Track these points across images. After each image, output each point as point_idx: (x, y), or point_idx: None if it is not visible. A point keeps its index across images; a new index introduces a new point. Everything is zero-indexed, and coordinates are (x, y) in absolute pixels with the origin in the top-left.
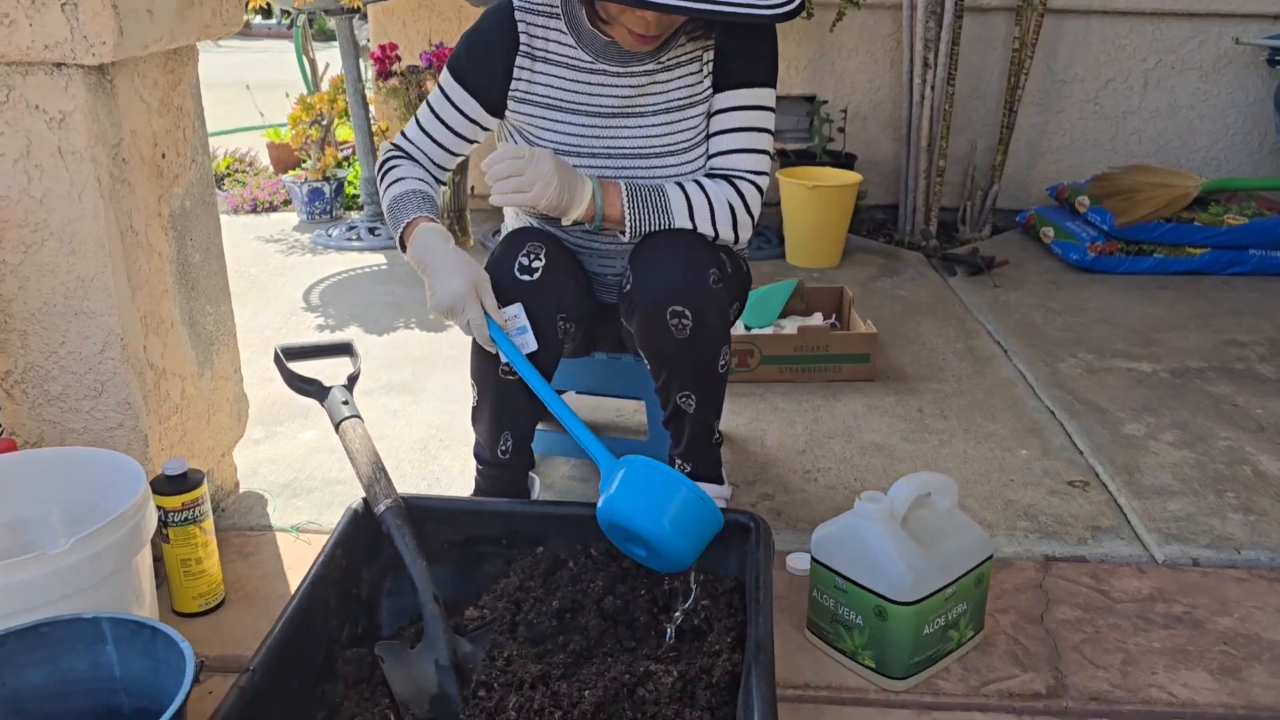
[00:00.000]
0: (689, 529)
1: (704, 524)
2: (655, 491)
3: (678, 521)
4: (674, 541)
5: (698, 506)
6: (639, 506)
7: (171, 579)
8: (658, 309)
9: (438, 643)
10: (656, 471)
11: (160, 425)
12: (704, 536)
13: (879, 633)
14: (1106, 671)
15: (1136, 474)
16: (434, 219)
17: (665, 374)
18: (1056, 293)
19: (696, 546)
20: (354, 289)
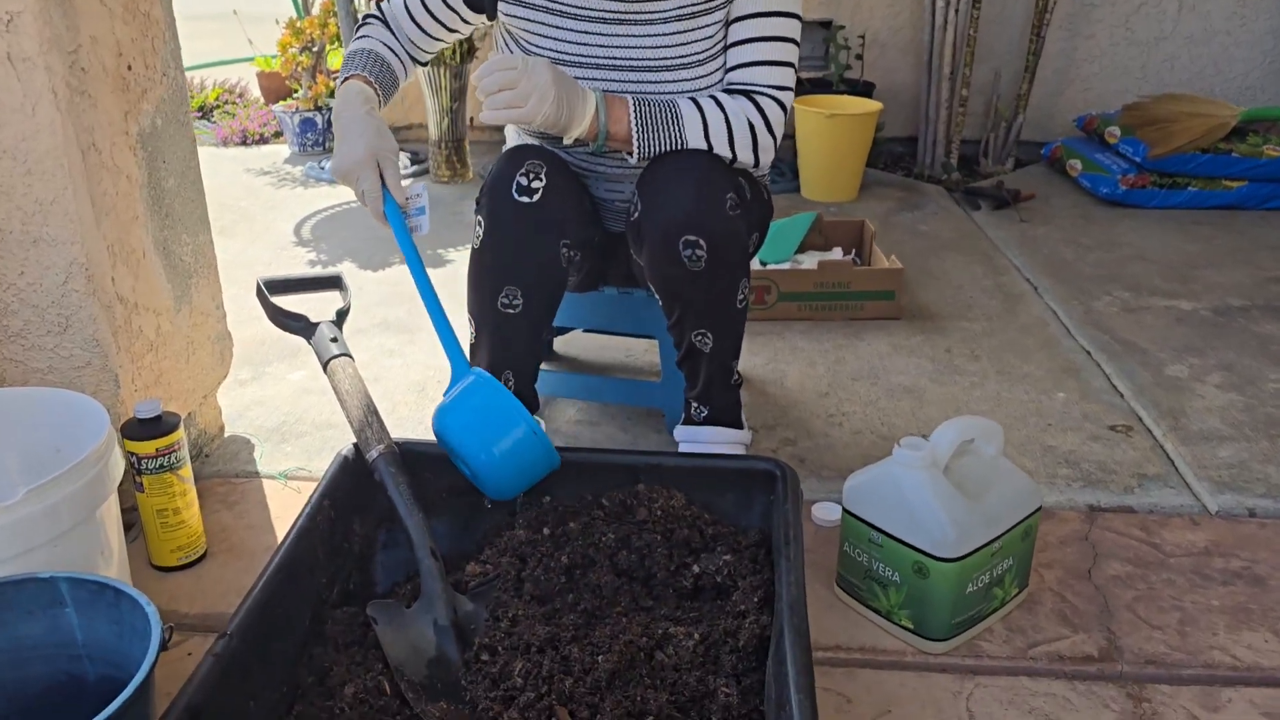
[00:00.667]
0: (517, 465)
1: (534, 462)
2: (490, 417)
3: (508, 455)
4: (497, 473)
5: (531, 443)
6: (470, 427)
7: (147, 531)
8: (669, 238)
9: (435, 601)
10: (497, 396)
11: (133, 364)
12: (532, 475)
13: (918, 591)
14: (1163, 632)
15: (1183, 418)
16: (369, 80)
17: (678, 310)
18: (1086, 228)
19: (520, 483)
20: (347, 223)
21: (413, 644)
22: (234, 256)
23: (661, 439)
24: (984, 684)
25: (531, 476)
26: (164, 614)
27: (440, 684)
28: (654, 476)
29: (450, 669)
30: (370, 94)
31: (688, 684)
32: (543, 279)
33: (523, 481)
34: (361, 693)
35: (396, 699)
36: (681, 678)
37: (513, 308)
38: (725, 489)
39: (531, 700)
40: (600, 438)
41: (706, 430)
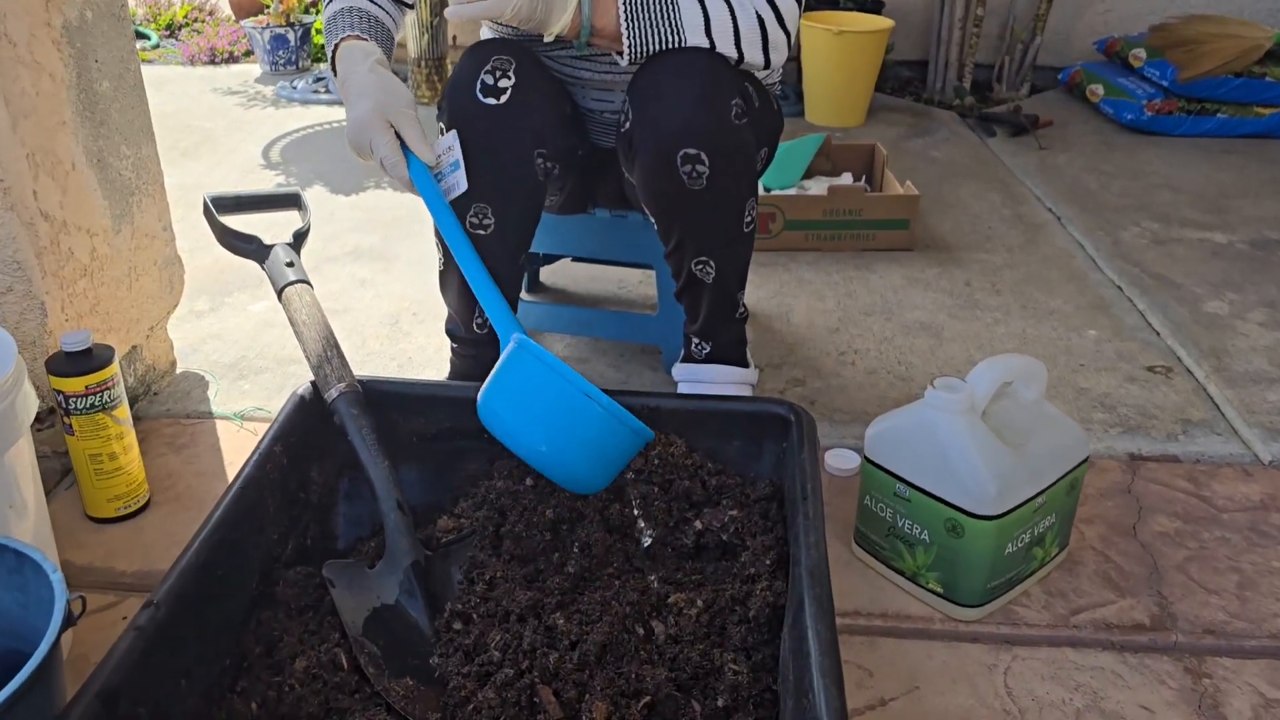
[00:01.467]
0: (582, 452)
1: (606, 446)
2: (531, 398)
3: (565, 444)
4: (558, 466)
5: (597, 424)
6: (509, 412)
7: (80, 478)
8: (665, 152)
9: (401, 561)
10: (540, 369)
11: (63, 290)
12: (607, 459)
13: (950, 551)
14: (1220, 597)
15: (1226, 359)
16: (364, 38)
17: (677, 235)
18: (1109, 155)
19: (596, 471)
20: (320, 145)
21: (375, 611)
22: (196, 180)
23: (658, 378)
24: (1022, 656)
25: (605, 462)
26: (100, 572)
27: (406, 657)
28: (651, 420)
29: (417, 640)
30: (371, 48)
31: (690, 659)
32: (516, 195)
33: (597, 469)
34: (315, 666)
35: (355, 674)
36: (682, 652)
37: (483, 228)
38: (731, 435)
39: (510, 678)
40: (590, 377)
41: (709, 369)
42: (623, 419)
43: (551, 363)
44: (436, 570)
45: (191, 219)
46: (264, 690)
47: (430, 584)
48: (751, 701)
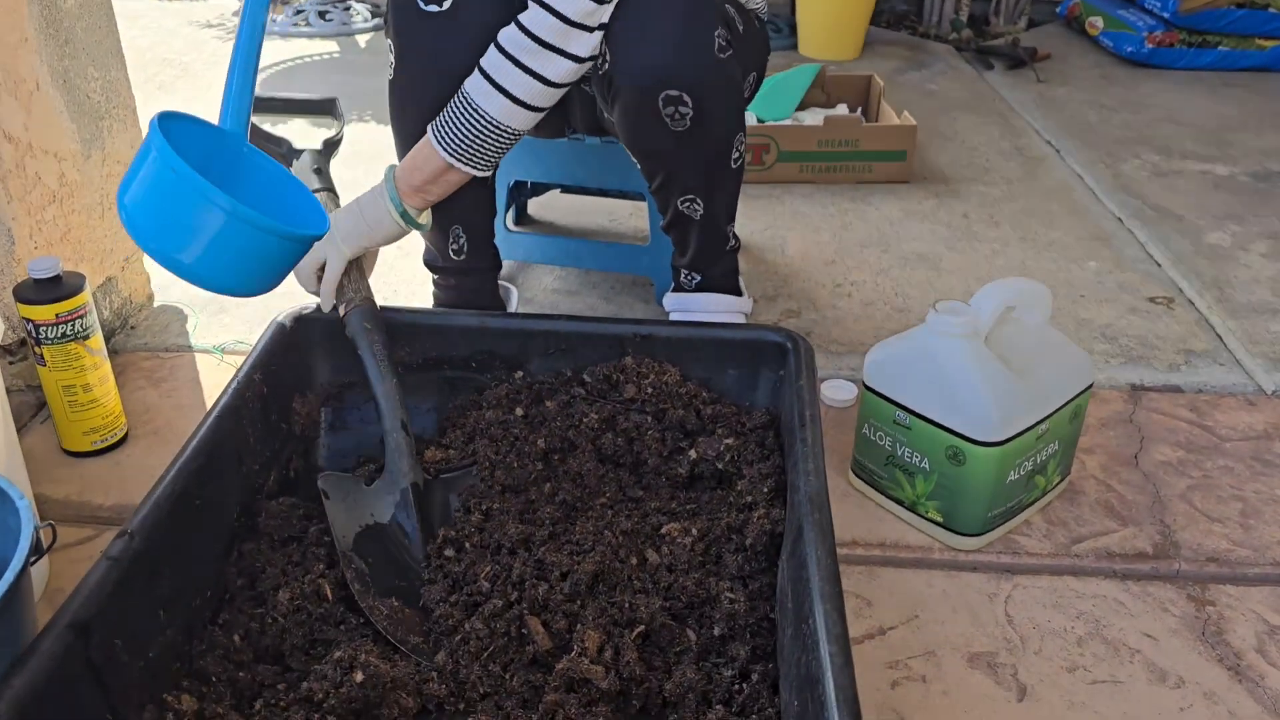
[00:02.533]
0: (231, 262)
1: (253, 252)
2: (157, 194)
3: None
4: (199, 277)
5: (234, 231)
6: (139, 212)
7: (54, 411)
8: (647, 95)
9: (400, 482)
10: (160, 163)
11: (31, 217)
12: (254, 265)
13: (951, 480)
14: (1223, 525)
15: (1228, 289)
16: None
17: (662, 175)
18: (1109, 88)
19: (246, 279)
20: (301, 79)
21: (367, 528)
22: None
23: (650, 310)
24: (1023, 585)
25: (267, 267)
26: (76, 506)
27: (394, 579)
28: (643, 348)
29: (408, 562)
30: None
31: (685, 588)
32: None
33: (255, 276)
34: (298, 598)
35: (340, 605)
36: (677, 581)
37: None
38: (726, 363)
39: (499, 609)
40: (580, 308)
41: (700, 297)
42: (256, 222)
43: (174, 162)
44: (434, 496)
45: None
46: (246, 622)
47: (426, 509)
48: (749, 630)
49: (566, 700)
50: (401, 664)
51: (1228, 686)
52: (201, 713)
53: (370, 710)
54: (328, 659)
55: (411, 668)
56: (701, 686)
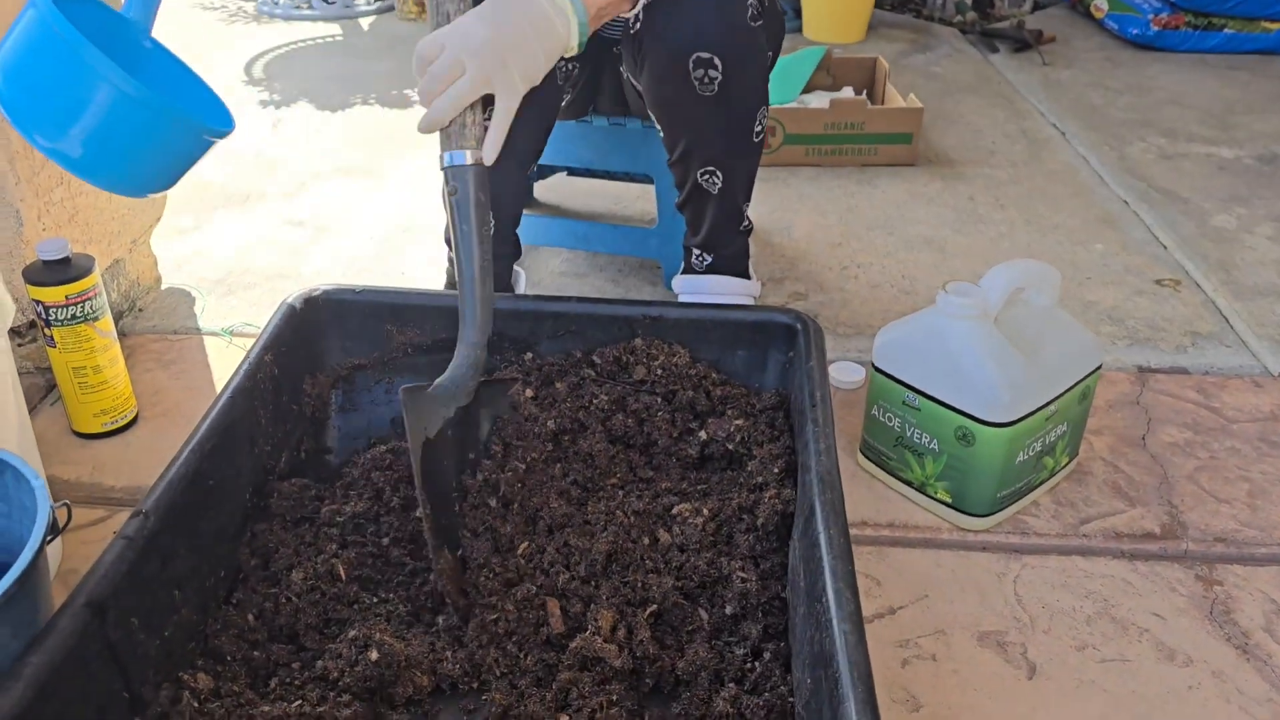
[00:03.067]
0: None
1: (145, 134)
2: (37, 59)
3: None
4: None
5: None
6: (10, 71)
7: (65, 392)
8: (678, 56)
9: (459, 399)
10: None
11: (39, 199)
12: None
13: (960, 460)
14: (1231, 506)
15: (1234, 271)
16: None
17: (685, 142)
18: (1114, 71)
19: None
20: (303, 62)
21: (425, 444)
22: None
23: (658, 293)
24: (1032, 565)
25: (162, 157)
26: (87, 487)
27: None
28: (653, 330)
29: (447, 489)
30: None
31: (697, 568)
32: (534, 98)
33: (149, 167)
34: (312, 578)
35: (353, 584)
36: (689, 561)
37: None
38: (736, 344)
39: (530, 594)
40: (588, 291)
41: (709, 279)
42: (151, 101)
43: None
44: (474, 413)
45: None
46: (260, 602)
47: (466, 428)
48: (760, 609)
49: (580, 679)
50: (415, 643)
51: (1235, 665)
52: (217, 691)
53: (385, 689)
54: (342, 638)
55: (425, 646)
56: (714, 665)
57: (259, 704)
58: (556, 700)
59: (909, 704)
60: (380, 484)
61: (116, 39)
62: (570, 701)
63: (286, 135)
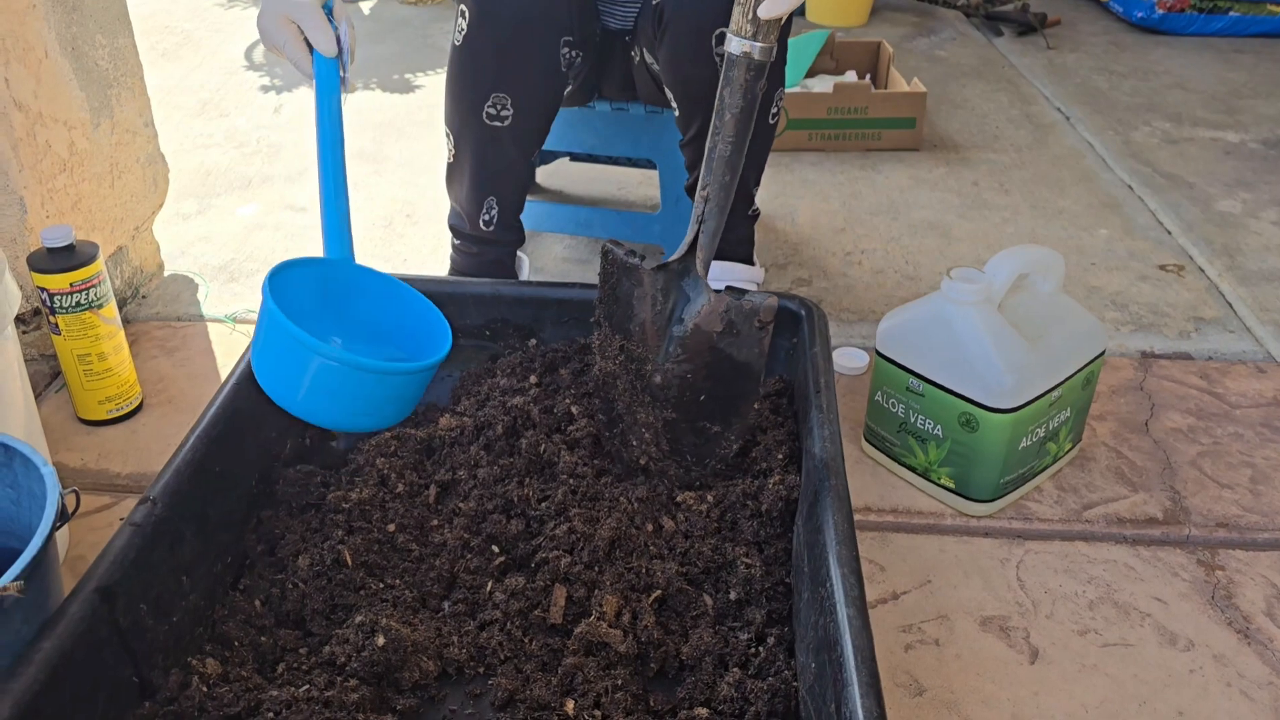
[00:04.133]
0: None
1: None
2: (278, 353)
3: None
4: (338, 423)
5: (339, 377)
6: (265, 366)
7: (70, 380)
8: (700, 31)
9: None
10: (277, 328)
11: (42, 185)
12: (383, 403)
13: (964, 446)
14: (1234, 492)
15: (1239, 257)
16: None
17: (700, 122)
18: (1119, 55)
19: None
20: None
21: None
22: (178, 81)
23: None
24: (1034, 550)
25: (399, 398)
26: (93, 474)
27: None
28: None
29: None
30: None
31: (701, 553)
32: (538, 87)
33: (385, 409)
34: (318, 564)
35: (360, 570)
36: (693, 546)
37: (500, 120)
38: None
39: (546, 582)
40: (591, 277)
41: (714, 265)
42: (362, 365)
43: (283, 323)
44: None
45: (175, 120)
46: (267, 588)
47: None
48: (765, 594)
49: (585, 663)
50: (422, 628)
51: (1237, 649)
52: (226, 675)
53: (391, 673)
54: (349, 623)
55: (432, 632)
56: (718, 650)
57: (267, 688)
58: (562, 685)
59: (912, 688)
60: (385, 470)
61: (330, 283)
62: (575, 686)
63: (288, 120)
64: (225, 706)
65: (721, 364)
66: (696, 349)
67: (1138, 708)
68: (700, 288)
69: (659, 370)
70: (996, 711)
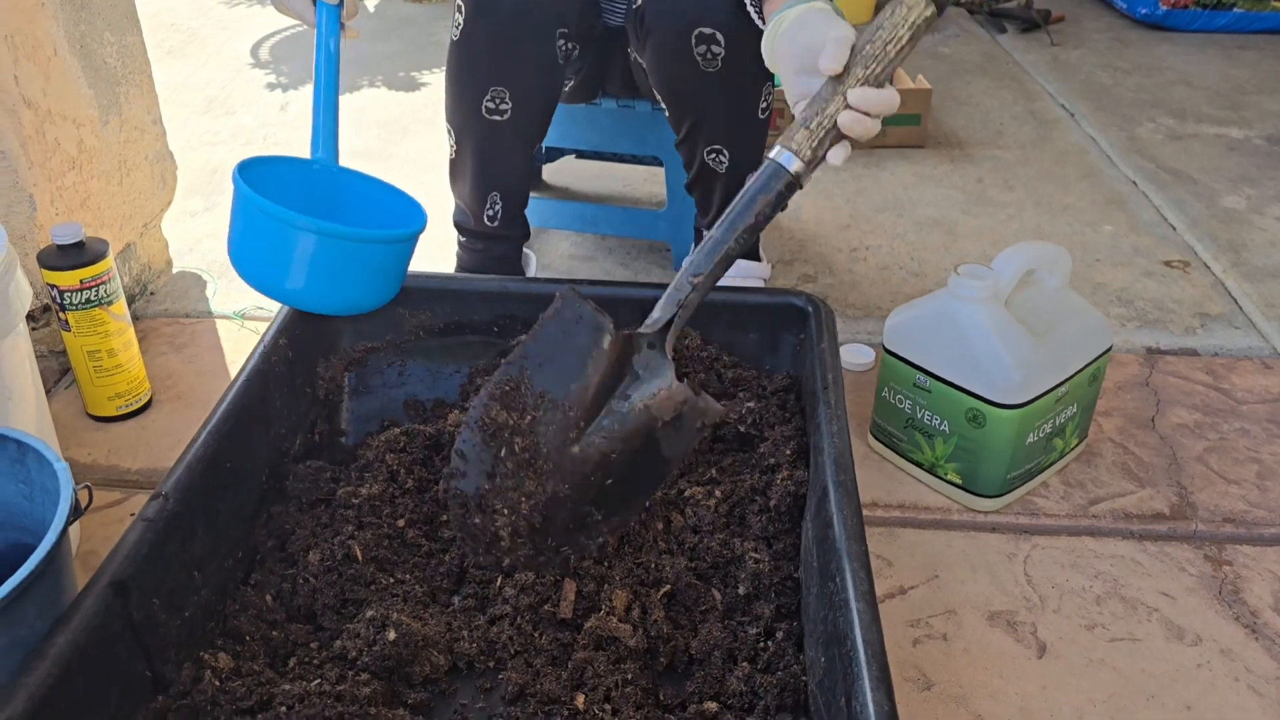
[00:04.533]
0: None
1: (349, 264)
2: (253, 236)
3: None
4: (314, 302)
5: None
6: (243, 254)
7: (80, 376)
8: (679, 31)
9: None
10: (245, 203)
11: (51, 183)
12: (364, 276)
13: (971, 442)
14: (1240, 487)
15: (1244, 252)
16: None
17: (690, 121)
18: (1123, 51)
19: (364, 292)
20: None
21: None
22: (184, 80)
23: (667, 276)
24: (1041, 545)
25: (379, 275)
26: (104, 470)
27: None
28: None
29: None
30: None
31: (709, 549)
32: (535, 80)
33: (370, 287)
34: (329, 559)
35: (370, 565)
36: (702, 541)
37: (499, 114)
38: (747, 327)
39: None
40: (597, 274)
41: None
42: (336, 233)
43: (257, 199)
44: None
45: (181, 118)
46: (278, 583)
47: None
48: (773, 589)
49: (595, 658)
50: (432, 623)
51: (1244, 644)
52: (238, 670)
53: (402, 667)
54: (360, 618)
55: (442, 626)
56: (727, 644)
57: (279, 682)
58: (572, 679)
59: (920, 683)
60: (394, 466)
61: (311, 180)
62: (585, 680)
63: (294, 117)
64: (238, 700)
65: (648, 453)
66: (632, 431)
67: (1145, 702)
68: (664, 370)
69: (582, 441)
70: (1004, 705)
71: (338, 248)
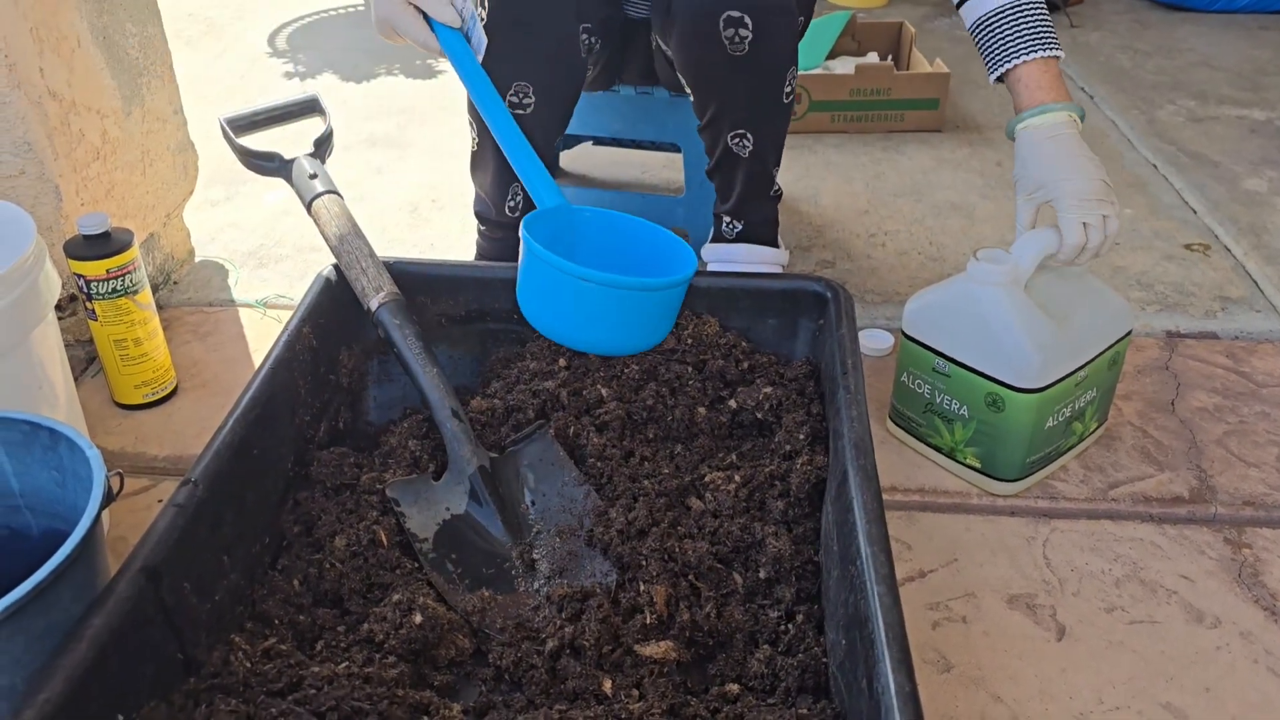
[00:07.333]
0: (622, 327)
1: (639, 313)
2: (546, 290)
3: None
4: (605, 345)
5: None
6: (535, 306)
7: (106, 365)
8: (707, 15)
9: (466, 469)
10: (535, 261)
11: (76, 174)
12: (650, 320)
13: (990, 426)
14: (1260, 470)
15: (1265, 235)
16: None
17: (715, 106)
18: (1143, 33)
19: (647, 333)
20: (328, 32)
21: (445, 523)
22: (201, 70)
23: None
24: (1061, 528)
25: (661, 314)
26: (131, 457)
27: (481, 568)
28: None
29: (493, 546)
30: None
31: (730, 533)
32: (558, 73)
33: (652, 326)
34: (355, 544)
35: (395, 550)
36: (722, 526)
37: (522, 108)
38: (766, 313)
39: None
40: None
41: (739, 248)
42: (629, 285)
43: (546, 255)
44: (506, 472)
45: (201, 108)
46: (305, 568)
47: (502, 486)
48: (794, 573)
49: (627, 660)
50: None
51: (1264, 626)
52: (268, 652)
53: (428, 650)
54: (386, 602)
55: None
56: (749, 627)
57: (308, 665)
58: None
59: (940, 665)
60: (417, 452)
61: (571, 226)
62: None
63: None
64: (269, 682)
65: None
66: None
67: (1165, 684)
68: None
69: (531, 550)
70: (1024, 688)
71: (649, 299)
